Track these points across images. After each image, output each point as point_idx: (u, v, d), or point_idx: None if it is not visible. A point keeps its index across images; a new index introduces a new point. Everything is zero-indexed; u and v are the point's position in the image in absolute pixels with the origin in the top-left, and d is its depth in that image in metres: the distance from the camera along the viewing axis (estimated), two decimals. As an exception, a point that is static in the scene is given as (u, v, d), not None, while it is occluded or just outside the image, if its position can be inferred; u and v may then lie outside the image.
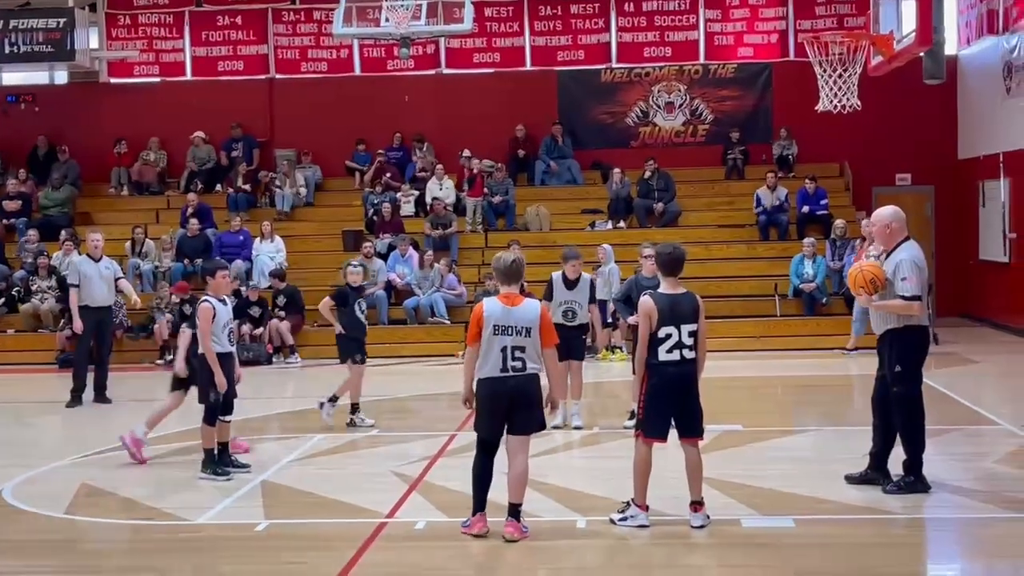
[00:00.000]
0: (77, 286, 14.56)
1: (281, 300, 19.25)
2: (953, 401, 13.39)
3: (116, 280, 14.89)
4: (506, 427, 8.10)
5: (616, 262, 17.81)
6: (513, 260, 8.25)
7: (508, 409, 8.03)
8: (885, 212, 9.24)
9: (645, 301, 8.28)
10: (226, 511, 9.18)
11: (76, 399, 14.57)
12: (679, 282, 8.35)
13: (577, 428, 12.09)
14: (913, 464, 9.09)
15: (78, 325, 14.49)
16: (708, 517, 8.27)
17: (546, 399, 8.22)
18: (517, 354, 7.98)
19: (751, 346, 18.51)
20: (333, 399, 12.61)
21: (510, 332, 7.98)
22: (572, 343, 12.07)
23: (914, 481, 9.07)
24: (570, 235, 20.71)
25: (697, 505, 8.28)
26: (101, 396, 14.74)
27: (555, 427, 12.03)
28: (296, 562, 7.83)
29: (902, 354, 8.99)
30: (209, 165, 23.63)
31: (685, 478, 8.31)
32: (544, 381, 8.17)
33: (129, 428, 11.05)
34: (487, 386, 8.05)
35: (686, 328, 8.16)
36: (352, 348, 12.63)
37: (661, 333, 8.14)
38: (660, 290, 8.37)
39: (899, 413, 9.07)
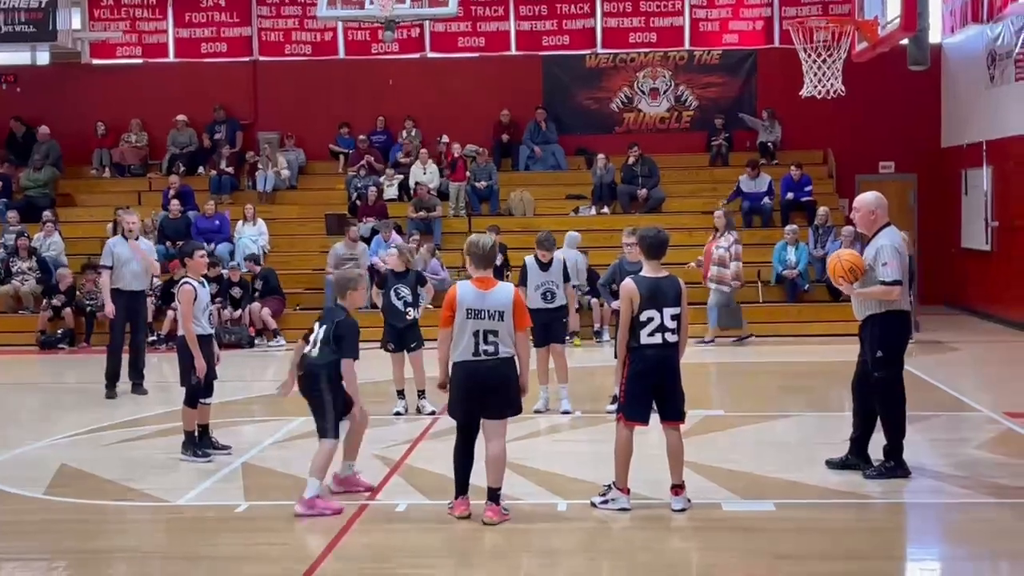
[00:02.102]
0: (110, 268, 13.65)
1: (258, 283, 19.18)
2: (934, 387, 13.44)
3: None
4: (482, 411, 8.09)
5: (600, 247, 17.75)
6: (492, 245, 8.23)
7: (482, 393, 8.02)
8: (869, 198, 9.25)
9: (626, 284, 8.27)
10: (206, 492, 9.16)
11: (111, 388, 13.80)
12: (662, 266, 8.35)
13: (565, 412, 12.03)
14: (893, 449, 9.12)
15: (110, 309, 13.80)
16: (689, 501, 8.28)
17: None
18: (490, 338, 7.96)
19: (733, 332, 18.51)
20: (420, 393, 12.19)
21: (483, 316, 7.96)
22: (552, 327, 12.06)
23: (894, 466, 9.10)
24: (554, 220, 20.69)
25: (678, 489, 8.28)
26: (138, 387, 13.92)
27: (536, 411, 12.03)
28: (277, 543, 7.81)
29: (883, 339, 9.00)
30: (191, 149, 23.53)
31: (666, 462, 8.32)
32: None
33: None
34: (460, 370, 8.05)
35: (668, 312, 8.15)
36: (384, 335, 12.28)
37: (643, 316, 8.13)
38: (642, 274, 8.36)
39: (880, 398, 9.09)
